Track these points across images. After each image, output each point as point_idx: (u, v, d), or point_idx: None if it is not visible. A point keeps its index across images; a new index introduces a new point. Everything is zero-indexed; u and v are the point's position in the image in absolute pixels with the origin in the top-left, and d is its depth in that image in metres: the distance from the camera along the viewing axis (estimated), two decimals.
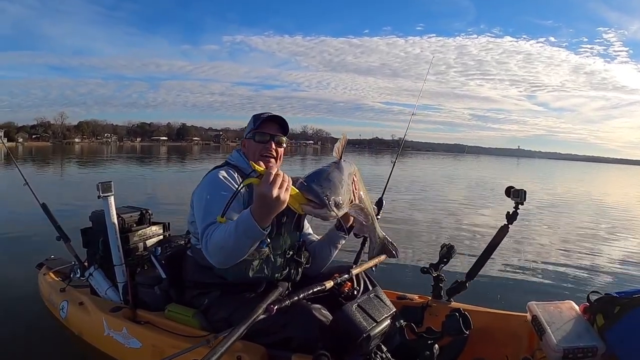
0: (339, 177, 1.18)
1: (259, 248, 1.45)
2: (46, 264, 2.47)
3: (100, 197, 1.89)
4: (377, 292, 1.47)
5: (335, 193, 1.12)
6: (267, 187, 1.03)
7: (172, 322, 1.58)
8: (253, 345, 1.37)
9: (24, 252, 3.71)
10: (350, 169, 1.29)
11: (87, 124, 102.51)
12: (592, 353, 1.43)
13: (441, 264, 1.97)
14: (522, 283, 3.75)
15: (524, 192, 1.85)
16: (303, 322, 1.36)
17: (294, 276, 1.60)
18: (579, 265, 4.51)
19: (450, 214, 7.72)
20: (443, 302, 1.90)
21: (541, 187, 15.07)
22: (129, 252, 1.96)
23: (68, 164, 20.72)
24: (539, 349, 1.56)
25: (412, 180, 14.20)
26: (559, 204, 10.43)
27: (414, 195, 10.46)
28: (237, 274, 1.46)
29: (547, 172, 34.97)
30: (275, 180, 1.04)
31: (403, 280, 3.21)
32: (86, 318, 1.86)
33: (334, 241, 1.63)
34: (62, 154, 33.61)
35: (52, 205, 2.27)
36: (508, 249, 4.79)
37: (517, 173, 30.38)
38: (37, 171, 14.38)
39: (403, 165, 25.80)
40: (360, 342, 1.21)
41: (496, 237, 1.92)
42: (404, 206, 8.10)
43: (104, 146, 70.63)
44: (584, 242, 5.88)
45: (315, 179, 1.13)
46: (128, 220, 2.03)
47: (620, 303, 1.47)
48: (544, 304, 1.65)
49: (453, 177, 18.59)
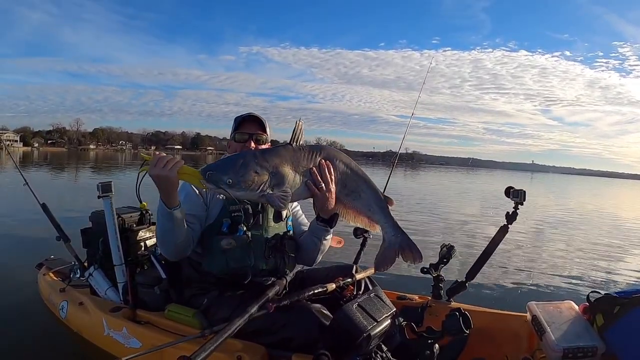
0: (246, 159, 1.23)
1: (236, 236, 1.48)
2: (46, 264, 2.46)
3: (100, 197, 1.89)
4: (378, 292, 1.47)
5: (225, 171, 1.20)
6: (152, 169, 1.23)
7: (172, 322, 1.58)
8: (253, 345, 1.37)
9: (24, 252, 3.71)
10: (294, 155, 1.28)
11: (103, 130, 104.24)
12: (592, 353, 1.43)
13: (441, 264, 1.98)
14: (522, 283, 3.75)
15: (524, 192, 1.85)
16: (303, 321, 1.36)
17: (281, 266, 1.58)
18: (579, 266, 4.52)
19: (461, 224, 7.51)
20: (443, 302, 1.90)
21: (554, 202, 14.94)
22: (128, 252, 1.96)
23: (82, 168, 21.03)
24: (539, 349, 1.56)
25: (422, 196, 13.91)
26: (568, 218, 10.15)
27: (422, 208, 10.27)
28: (220, 264, 1.48)
29: (561, 187, 34.28)
30: (159, 162, 1.22)
31: (403, 280, 3.21)
32: (86, 318, 1.85)
33: (316, 233, 1.55)
34: (77, 159, 34.15)
35: (57, 206, 2.27)
36: (508, 250, 4.79)
37: (530, 188, 29.48)
38: (51, 174, 14.45)
39: (414, 178, 25.83)
40: (361, 341, 1.21)
41: (496, 238, 1.92)
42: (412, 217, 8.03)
43: (118, 153, 71.41)
44: (586, 246, 5.88)
45: (218, 160, 1.28)
46: (128, 220, 2.03)
47: (620, 303, 1.47)
48: (544, 304, 1.66)
49: (466, 191, 18.25)
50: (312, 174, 1.29)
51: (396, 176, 25.72)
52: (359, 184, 1.37)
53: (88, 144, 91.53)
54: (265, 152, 1.28)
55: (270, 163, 1.23)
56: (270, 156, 1.25)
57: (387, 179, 2.33)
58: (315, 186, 1.29)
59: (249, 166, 1.21)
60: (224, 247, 1.47)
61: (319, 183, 1.29)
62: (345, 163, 1.36)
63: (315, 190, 1.30)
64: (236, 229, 1.50)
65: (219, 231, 1.50)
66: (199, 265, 1.55)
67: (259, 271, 1.53)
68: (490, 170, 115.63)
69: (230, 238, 1.48)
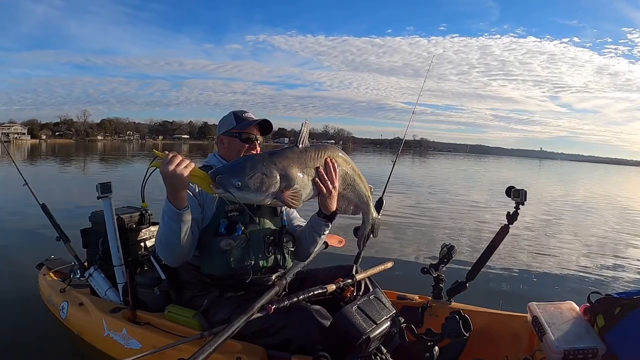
0: (255, 162, 1.23)
1: (235, 236, 1.47)
2: (46, 264, 2.46)
3: (99, 197, 1.89)
4: (377, 293, 1.46)
5: (234, 174, 1.18)
6: (165, 166, 1.18)
7: (172, 323, 1.58)
8: (253, 346, 1.37)
9: (24, 252, 3.70)
10: (301, 156, 1.31)
11: (110, 121, 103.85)
12: (592, 354, 1.43)
13: (441, 264, 1.97)
14: (522, 283, 3.74)
15: (524, 192, 1.85)
16: (303, 323, 1.36)
17: (281, 262, 1.59)
18: (580, 266, 4.51)
19: (466, 216, 7.47)
20: (443, 303, 1.90)
21: (562, 191, 14.54)
22: (128, 253, 1.96)
23: (90, 161, 20.92)
24: (539, 350, 1.56)
25: (431, 182, 13.84)
26: (575, 209, 9.94)
27: (427, 196, 10.24)
28: (221, 266, 1.48)
29: (569, 174, 33.66)
30: (172, 160, 1.18)
31: (403, 281, 3.20)
32: (86, 319, 1.86)
33: (316, 227, 1.57)
34: (85, 151, 34.18)
35: (63, 204, 2.27)
36: (509, 250, 4.79)
37: (538, 175, 28.97)
38: (61, 168, 14.53)
39: (422, 164, 25.51)
40: (360, 344, 1.21)
41: (496, 238, 1.92)
42: (414, 206, 8.04)
43: (126, 144, 70.99)
44: (591, 240, 5.86)
45: (227, 163, 1.26)
46: (128, 220, 2.03)
47: (621, 304, 1.47)
48: (544, 305, 1.65)
49: (473, 180, 17.82)
50: (319, 173, 1.35)
51: (404, 164, 25.71)
52: (354, 178, 1.50)
53: (95, 135, 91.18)
54: (273, 155, 1.28)
55: (279, 165, 1.25)
56: (279, 158, 1.27)
57: (392, 167, 2.46)
58: (322, 184, 1.35)
59: (259, 169, 1.21)
60: (224, 248, 1.46)
61: (325, 181, 1.35)
62: (345, 160, 1.45)
63: (322, 188, 1.36)
64: (234, 228, 1.49)
65: (216, 232, 1.49)
66: (197, 269, 1.54)
67: (259, 269, 1.53)
68: (498, 157, 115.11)
69: (229, 238, 1.47)
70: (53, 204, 2.29)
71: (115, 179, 7.93)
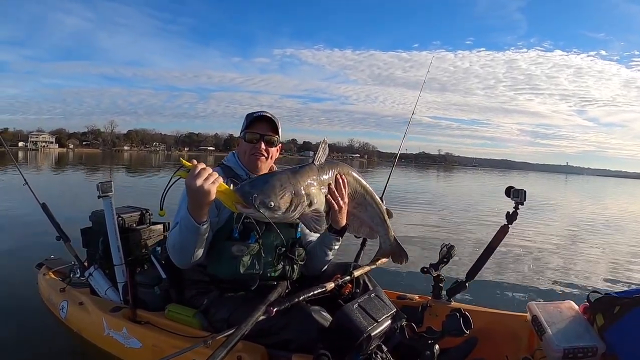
0: (283, 181, 1.20)
1: (247, 244, 1.46)
2: (46, 264, 2.47)
3: (100, 197, 1.89)
4: (378, 292, 1.47)
5: (266, 194, 1.14)
6: (191, 178, 1.13)
7: (172, 322, 1.58)
8: (253, 345, 1.37)
9: (24, 252, 3.71)
10: (319, 174, 1.32)
11: (137, 132, 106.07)
12: (592, 353, 1.43)
13: (441, 264, 1.97)
14: (522, 283, 3.75)
15: (524, 192, 1.85)
16: (302, 324, 1.36)
17: (289, 273, 1.58)
18: (580, 266, 4.52)
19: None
20: (443, 302, 1.90)
21: (583, 205, 14.20)
22: (129, 252, 1.96)
23: (117, 170, 20.92)
24: (539, 349, 1.56)
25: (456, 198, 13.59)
26: (592, 222, 9.55)
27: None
28: (229, 270, 1.47)
29: (596, 189, 32.78)
30: (200, 173, 1.13)
31: (403, 280, 3.21)
32: (86, 318, 1.85)
33: (326, 242, 1.57)
34: (111, 160, 34.56)
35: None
36: (509, 250, 4.79)
37: (564, 190, 27.59)
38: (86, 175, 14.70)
39: (446, 180, 25.09)
40: (361, 342, 1.21)
41: (496, 237, 1.92)
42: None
43: (152, 154, 71.93)
44: (603, 250, 5.81)
45: (253, 180, 1.21)
46: (128, 220, 2.03)
47: (620, 303, 1.47)
48: (544, 304, 1.66)
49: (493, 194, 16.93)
50: (330, 189, 1.37)
51: (427, 179, 25.28)
52: (365, 197, 1.51)
53: (122, 145, 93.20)
54: (297, 173, 1.27)
55: (303, 184, 1.24)
56: (302, 177, 1.26)
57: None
58: (333, 200, 1.37)
59: (288, 189, 1.19)
60: (235, 254, 1.44)
61: (336, 197, 1.38)
62: (355, 178, 1.47)
63: (333, 203, 1.37)
64: (248, 235, 1.46)
65: (229, 236, 1.46)
66: (203, 268, 1.52)
67: (266, 278, 1.52)
68: (524, 172, 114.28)
69: (242, 245, 1.45)
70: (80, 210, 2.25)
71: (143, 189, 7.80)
